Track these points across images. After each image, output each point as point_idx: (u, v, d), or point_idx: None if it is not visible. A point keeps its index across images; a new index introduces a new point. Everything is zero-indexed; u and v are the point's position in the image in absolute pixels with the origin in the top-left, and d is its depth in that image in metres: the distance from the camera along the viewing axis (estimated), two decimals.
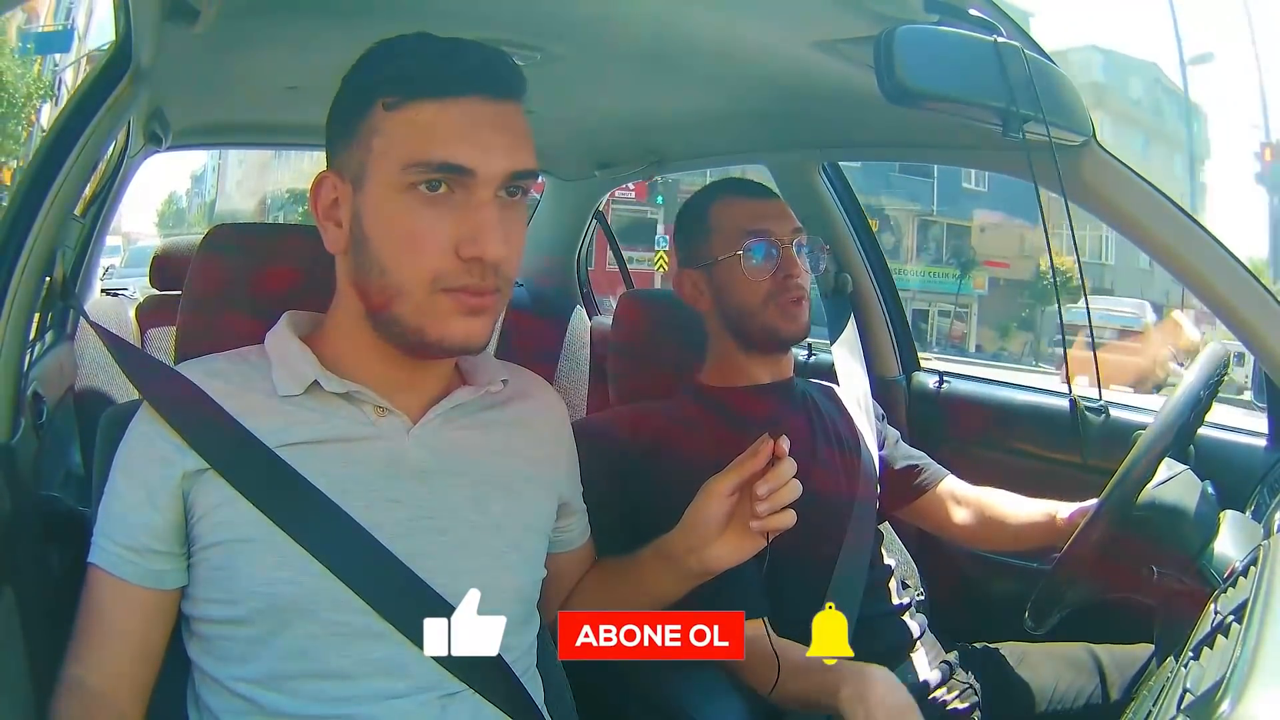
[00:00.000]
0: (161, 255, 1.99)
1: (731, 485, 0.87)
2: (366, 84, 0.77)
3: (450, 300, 0.75)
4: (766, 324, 1.22)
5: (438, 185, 0.74)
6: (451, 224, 0.74)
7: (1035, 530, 1.21)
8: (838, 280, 1.70)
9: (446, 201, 0.74)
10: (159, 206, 23.90)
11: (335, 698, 0.76)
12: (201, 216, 22.43)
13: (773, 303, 1.22)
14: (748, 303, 1.22)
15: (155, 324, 1.87)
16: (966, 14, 0.93)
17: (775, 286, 1.21)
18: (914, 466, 1.34)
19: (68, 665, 0.75)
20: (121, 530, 0.77)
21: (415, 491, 0.81)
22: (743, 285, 1.22)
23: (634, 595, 0.97)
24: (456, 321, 0.76)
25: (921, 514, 1.34)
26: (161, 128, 1.60)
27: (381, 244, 0.76)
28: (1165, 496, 1.01)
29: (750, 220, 1.23)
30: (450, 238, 0.74)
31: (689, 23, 1.02)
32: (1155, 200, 1.05)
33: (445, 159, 0.73)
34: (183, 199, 24.89)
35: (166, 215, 24.15)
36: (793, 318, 1.22)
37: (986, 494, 1.30)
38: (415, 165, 0.74)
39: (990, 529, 1.27)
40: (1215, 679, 0.63)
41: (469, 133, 0.74)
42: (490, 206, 0.75)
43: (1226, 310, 1.04)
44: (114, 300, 2.05)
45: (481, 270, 0.75)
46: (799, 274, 1.22)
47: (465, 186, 0.74)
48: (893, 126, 1.31)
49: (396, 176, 0.74)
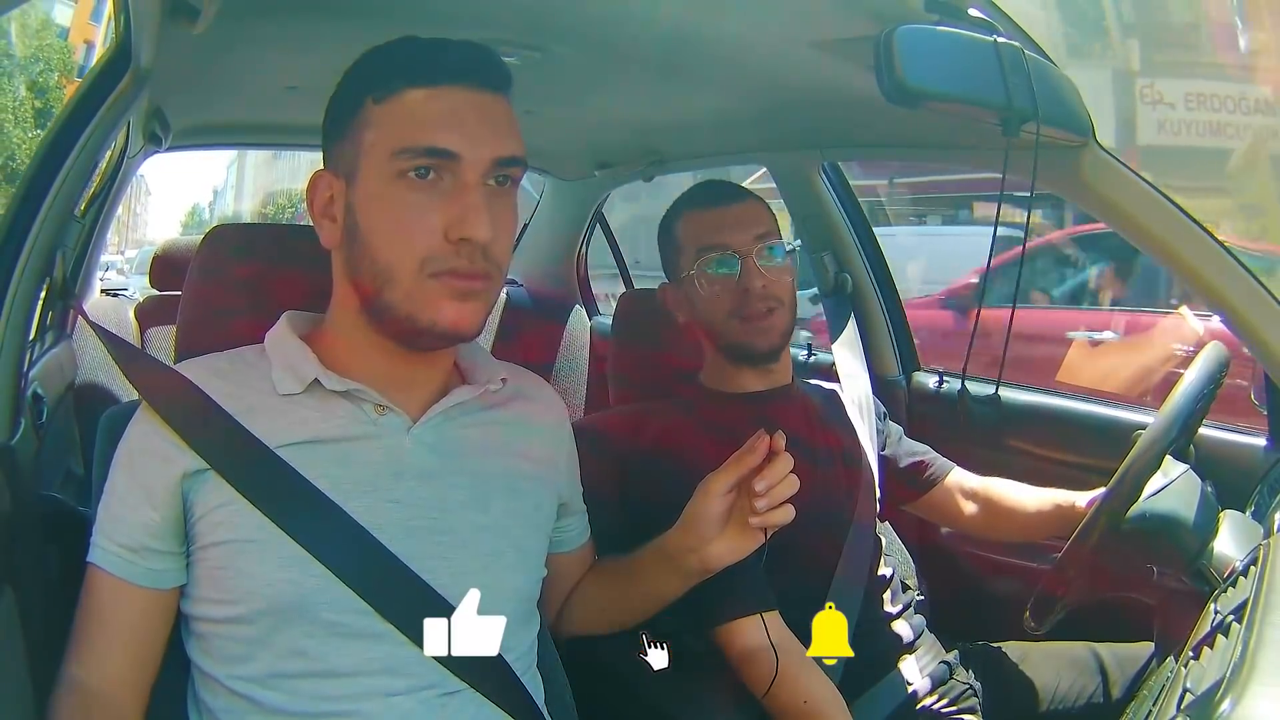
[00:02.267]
0: (161, 255, 1.99)
1: (729, 482, 0.87)
2: (357, 84, 0.80)
3: (439, 284, 0.76)
4: (734, 338, 1.19)
5: (426, 172, 0.76)
6: (440, 208, 0.76)
7: (1045, 520, 1.21)
8: (838, 280, 1.70)
9: (435, 187, 0.76)
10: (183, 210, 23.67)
11: (335, 696, 0.76)
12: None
13: (736, 318, 1.17)
14: (713, 318, 1.19)
15: (155, 324, 1.87)
16: (966, 14, 0.93)
17: (736, 300, 1.17)
18: (920, 461, 1.33)
19: (67, 665, 0.76)
20: (120, 530, 0.77)
21: (415, 491, 0.81)
22: (706, 301, 1.19)
23: (634, 595, 0.97)
24: (447, 306, 0.77)
25: (930, 508, 1.34)
26: (161, 128, 1.60)
27: (372, 231, 0.77)
28: (1159, 507, 1.00)
29: (704, 234, 1.19)
30: (439, 222, 0.75)
31: (689, 23, 1.02)
32: (1155, 200, 1.04)
33: (431, 143, 0.75)
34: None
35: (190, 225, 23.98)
36: (760, 331, 1.18)
37: (995, 484, 1.30)
38: (403, 151, 0.75)
39: (1000, 520, 1.27)
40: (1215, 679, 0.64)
41: (454, 119, 0.76)
42: (477, 190, 0.76)
43: (1226, 310, 1.04)
44: (114, 300, 2.05)
45: (470, 253, 0.76)
46: (762, 284, 1.16)
47: (452, 172, 0.76)
48: (893, 126, 1.31)
49: (387, 165, 0.76)
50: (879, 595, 1.22)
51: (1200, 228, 1.05)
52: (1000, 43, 0.90)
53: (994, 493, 1.29)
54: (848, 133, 1.48)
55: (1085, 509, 1.11)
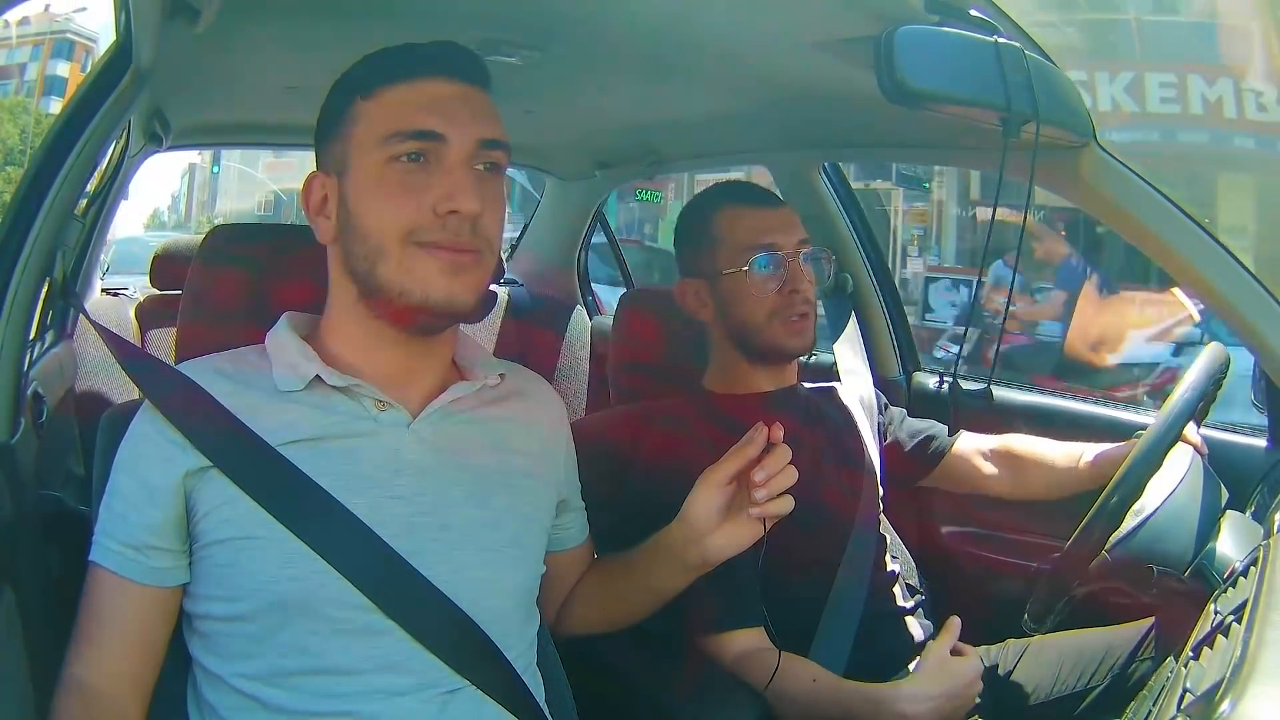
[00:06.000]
0: (162, 255, 1.99)
1: (728, 474, 0.87)
2: (344, 89, 0.83)
3: (429, 256, 0.78)
4: (771, 339, 1.20)
5: (417, 156, 0.78)
6: (428, 186, 0.79)
7: (1077, 473, 1.20)
8: (838, 280, 1.70)
9: (423, 169, 0.79)
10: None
11: (337, 694, 0.76)
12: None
13: (778, 319, 1.19)
14: (753, 318, 1.20)
15: (155, 324, 1.87)
16: (967, 14, 0.93)
17: (781, 302, 1.19)
18: (925, 436, 1.33)
19: (69, 664, 0.76)
20: (123, 528, 0.77)
21: (416, 487, 0.81)
22: (747, 300, 1.19)
23: (634, 591, 0.97)
24: (439, 279, 0.78)
25: (948, 478, 1.33)
26: (162, 127, 1.60)
27: (365, 215, 0.80)
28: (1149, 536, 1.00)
29: (757, 233, 1.19)
30: (428, 198, 0.78)
31: (689, 23, 1.02)
32: (1155, 200, 1.05)
33: (419, 126, 0.78)
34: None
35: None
36: (798, 333, 1.20)
37: (1015, 440, 1.28)
38: (393, 135, 0.78)
39: (1028, 475, 1.26)
40: (1215, 679, 0.63)
41: (438, 105, 0.80)
42: (464, 169, 0.80)
43: (1226, 310, 1.04)
44: (114, 300, 2.05)
45: (457, 226, 0.78)
46: (805, 288, 1.19)
47: (439, 154, 0.79)
48: (893, 127, 1.31)
49: (377, 151, 0.79)
50: (888, 590, 1.22)
51: (1200, 228, 1.05)
52: (1000, 43, 0.90)
53: (1016, 449, 1.27)
54: (848, 133, 1.48)
55: (1118, 455, 1.09)
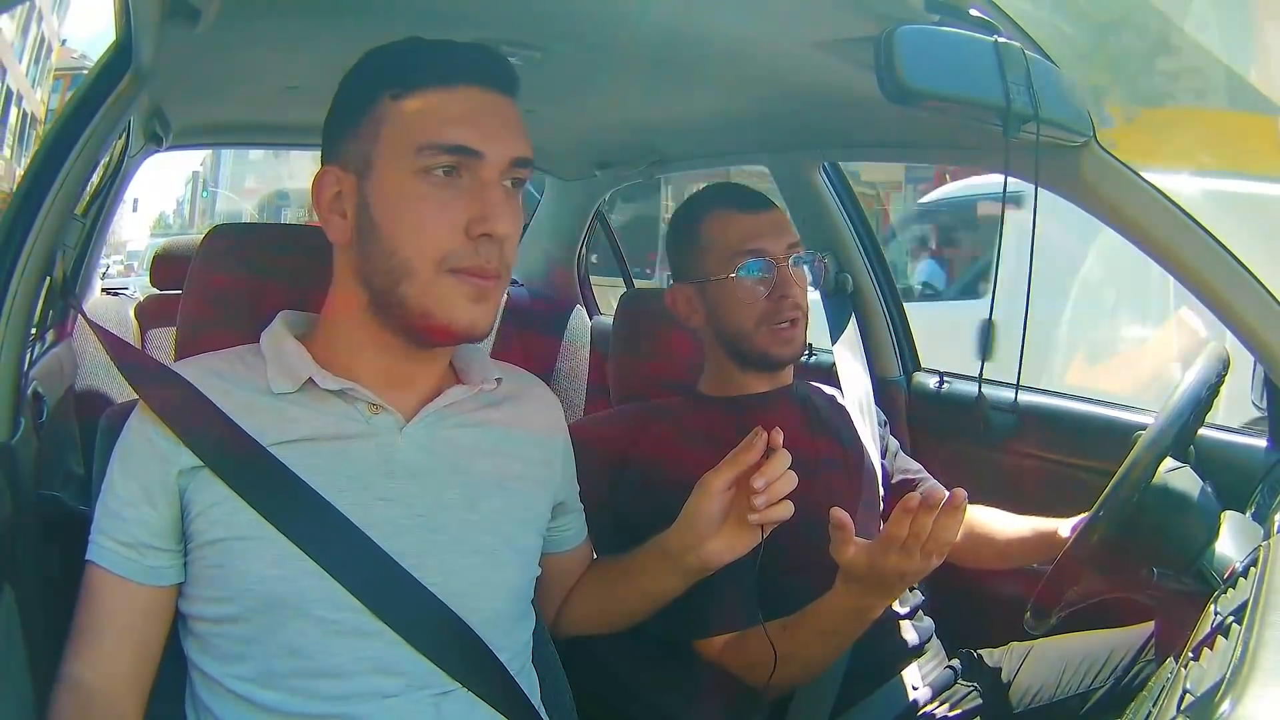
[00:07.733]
0: (162, 255, 2.00)
1: (727, 479, 0.87)
2: (369, 80, 0.80)
3: (457, 282, 0.77)
4: (758, 347, 1.19)
5: (452, 170, 0.77)
6: (462, 205, 0.77)
7: (1024, 546, 1.20)
8: (838, 280, 1.70)
9: (456, 185, 0.77)
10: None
11: (329, 696, 0.76)
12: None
13: (765, 326, 1.18)
14: (741, 324, 1.19)
15: (155, 324, 1.88)
16: (967, 14, 0.92)
17: (770, 308, 1.18)
18: (909, 480, 1.32)
19: (66, 663, 0.76)
20: (119, 527, 0.77)
21: (408, 489, 0.81)
22: (735, 307, 1.19)
23: (632, 594, 0.97)
24: (464, 306, 0.78)
25: None
26: (162, 127, 1.61)
27: (392, 226, 0.77)
28: (1170, 484, 1.01)
29: (744, 238, 1.18)
30: (461, 218, 0.76)
31: (690, 23, 1.02)
32: (1155, 200, 1.04)
33: (457, 140, 0.76)
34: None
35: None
36: (785, 341, 1.19)
37: (977, 512, 1.27)
38: (428, 147, 0.76)
39: (980, 546, 1.25)
40: (1215, 679, 0.63)
41: (474, 117, 0.77)
42: (498, 187, 0.78)
43: (1226, 310, 1.04)
44: (114, 300, 2.05)
45: (488, 251, 0.77)
46: (795, 293, 1.18)
47: (473, 170, 0.77)
48: (893, 126, 1.31)
49: (407, 160, 0.76)
50: None
51: (1201, 228, 1.04)
52: (1001, 43, 0.90)
53: (975, 520, 1.27)
54: (848, 133, 1.48)
55: (1066, 538, 1.09)
